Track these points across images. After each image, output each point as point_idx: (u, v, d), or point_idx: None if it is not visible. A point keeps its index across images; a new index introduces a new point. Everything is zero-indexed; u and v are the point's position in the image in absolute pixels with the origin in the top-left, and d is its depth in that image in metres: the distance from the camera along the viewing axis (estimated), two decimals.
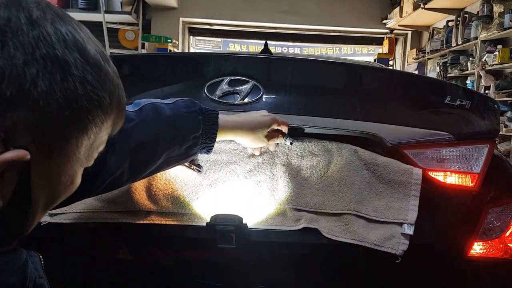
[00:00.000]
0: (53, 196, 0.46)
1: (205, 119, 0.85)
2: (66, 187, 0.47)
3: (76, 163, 0.46)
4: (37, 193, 0.43)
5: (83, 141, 0.44)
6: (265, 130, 0.90)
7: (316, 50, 7.99)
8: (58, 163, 0.43)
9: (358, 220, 0.92)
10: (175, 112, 0.82)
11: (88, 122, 0.44)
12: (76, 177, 0.48)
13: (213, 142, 0.87)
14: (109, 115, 0.47)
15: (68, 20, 0.44)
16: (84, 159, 0.47)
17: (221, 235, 0.87)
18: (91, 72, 0.43)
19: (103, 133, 0.48)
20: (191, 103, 0.85)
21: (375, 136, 0.99)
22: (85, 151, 0.46)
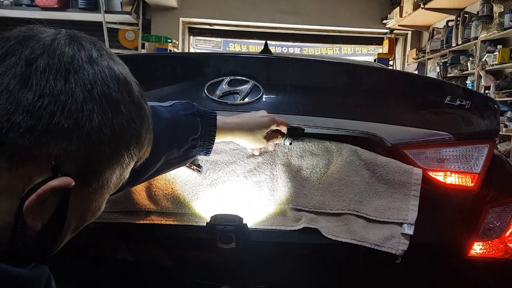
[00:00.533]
0: (82, 222, 0.49)
1: (204, 121, 0.85)
2: (94, 213, 0.50)
3: (107, 191, 0.49)
4: (70, 218, 0.46)
5: (117, 171, 0.48)
6: (264, 131, 0.90)
7: (316, 50, 7.99)
8: (94, 191, 0.46)
9: (358, 220, 0.92)
10: (173, 115, 0.82)
11: (126, 156, 0.47)
12: (103, 204, 0.51)
13: (212, 144, 0.87)
14: (142, 149, 0.51)
15: (117, 59, 0.48)
16: (112, 188, 0.50)
17: (221, 235, 0.87)
18: (135, 110, 0.47)
19: (131, 166, 0.50)
20: (189, 106, 0.85)
21: (375, 136, 0.99)
22: (116, 181, 0.49)
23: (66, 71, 0.41)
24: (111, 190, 0.50)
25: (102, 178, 0.46)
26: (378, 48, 7.54)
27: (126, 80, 0.47)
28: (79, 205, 0.46)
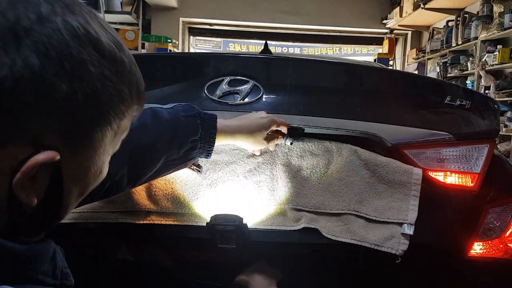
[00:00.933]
0: (84, 187, 0.48)
1: (204, 123, 0.85)
2: (96, 177, 0.48)
3: (103, 154, 0.47)
4: (69, 187, 0.45)
5: (107, 133, 0.45)
6: (264, 132, 0.90)
7: (316, 50, 7.99)
8: (86, 157, 0.44)
9: (358, 220, 0.92)
10: (173, 116, 0.82)
11: (111, 116, 0.44)
12: (104, 166, 0.49)
13: (212, 146, 0.87)
14: (130, 105, 0.47)
15: (77, 10, 0.42)
16: (110, 149, 0.48)
17: (221, 235, 0.87)
18: (107, 67, 0.42)
19: (126, 121, 0.48)
20: (190, 108, 0.85)
21: (375, 136, 0.99)
22: (110, 141, 0.47)
23: (14, 37, 0.37)
24: (110, 151, 0.49)
25: (91, 143, 0.44)
26: (378, 48, 7.54)
27: (89, 33, 0.41)
28: (75, 174, 0.45)
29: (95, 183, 0.50)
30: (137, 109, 0.51)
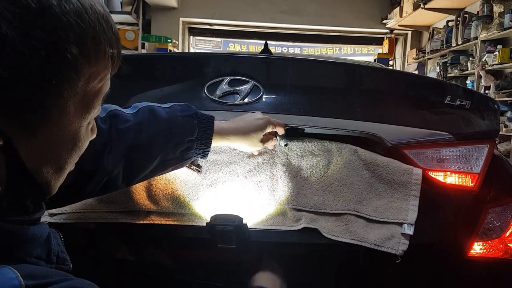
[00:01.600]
0: (60, 161, 0.44)
1: (200, 124, 0.85)
2: (71, 148, 0.44)
3: (70, 124, 0.42)
4: (36, 166, 0.41)
5: (66, 103, 0.39)
6: (260, 134, 0.90)
7: (316, 50, 7.99)
8: (47, 134, 0.40)
9: (358, 220, 0.92)
10: (170, 116, 0.82)
11: (58, 86, 0.38)
12: (80, 135, 0.44)
13: (209, 147, 0.87)
14: (88, 66, 0.40)
15: None
16: (80, 116, 0.43)
17: (221, 235, 0.87)
18: (37, 24, 0.35)
19: (92, 83, 0.42)
20: (187, 108, 0.86)
21: (375, 136, 0.99)
22: (77, 108, 0.41)
23: None
24: (82, 116, 0.42)
25: (49, 117, 0.39)
26: (378, 48, 7.54)
27: None
28: (40, 152, 0.40)
29: (74, 154, 0.46)
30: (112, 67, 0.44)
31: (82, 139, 0.46)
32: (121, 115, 0.79)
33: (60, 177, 0.46)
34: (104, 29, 0.41)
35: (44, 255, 0.46)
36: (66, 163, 0.46)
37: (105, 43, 0.42)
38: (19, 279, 0.37)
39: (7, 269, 0.37)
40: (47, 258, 0.47)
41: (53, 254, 0.48)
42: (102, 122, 0.75)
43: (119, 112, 0.79)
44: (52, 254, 0.48)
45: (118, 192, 0.92)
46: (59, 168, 0.45)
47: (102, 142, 0.73)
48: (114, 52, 0.43)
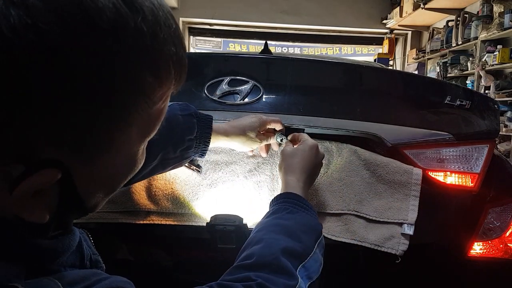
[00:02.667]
0: (114, 186, 0.42)
1: (200, 123, 0.86)
2: (128, 172, 0.42)
3: (132, 147, 0.39)
4: (88, 192, 0.39)
5: (132, 127, 0.36)
6: (255, 130, 0.91)
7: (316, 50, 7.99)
8: (107, 159, 0.37)
9: (358, 220, 0.92)
10: (170, 114, 0.83)
11: (132, 112, 0.35)
12: (136, 158, 0.42)
13: (207, 146, 0.88)
14: (160, 90, 0.37)
15: None
16: (142, 138, 0.40)
17: (221, 235, 0.87)
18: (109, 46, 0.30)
19: (158, 105, 0.38)
20: (186, 106, 0.86)
21: (375, 136, 0.99)
22: (140, 132, 0.39)
23: None
24: (141, 141, 0.39)
25: (111, 144, 0.35)
26: (378, 48, 7.54)
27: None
28: (95, 179, 0.38)
29: (128, 177, 0.43)
30: (175, 86, 0.40)
31: (139, 162, 0.43)
32: None
33: (107, 198, 0.44)
34: (176, 46, 0.36)
35: (77, 262, 0.45)
36: (120, 185, 0.43)
37: (175, 63, 0.38)
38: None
39: (47, 280, 0.35)
40: (81, 264, 0.46)
41: (86, 259, 0.46)
42: None
43: None
44: (86, 259, 0.46)
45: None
46: (111, 191, 0.43)
47: None
48: (181, 69, 0.39)
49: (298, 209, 0.74)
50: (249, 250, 0.64)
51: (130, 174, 0.43)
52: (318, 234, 0.72)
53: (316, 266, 0.67)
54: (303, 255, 0.65)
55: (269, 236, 0.66)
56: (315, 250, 0.68)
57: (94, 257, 0.49)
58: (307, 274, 0.64)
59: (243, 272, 0.58)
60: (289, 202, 0.75)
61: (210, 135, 0.87)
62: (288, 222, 0.70)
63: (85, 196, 0.39)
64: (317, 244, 0.70)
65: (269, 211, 0.77)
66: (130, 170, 0.42)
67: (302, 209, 0.75)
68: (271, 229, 0.68)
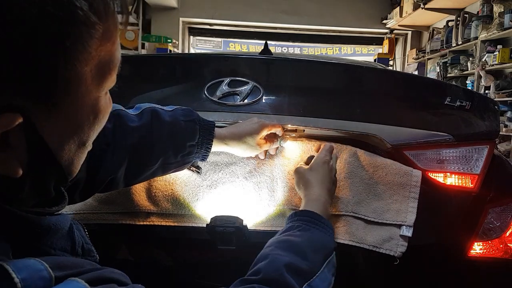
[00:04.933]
0: (82, 135, 0.43)
1: (202, 129, 0.86)
2: (94, 121, 0.43)
3: (90, 92, 0.40)
4: (57, 143, 0.40)
5: (83, 67, 0.38)
6: (256, 137, 0.90)
7: (316, 50, 7.99)
8: (66, 104, 0.38)
9: (356, 222, 0.92)
10: (173, 119, 0.83)
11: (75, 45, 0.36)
12: (99, 105, 0.43)
13: (209, 151, 0.88)
14: (101, 20, 0.38)
15: None
16: (98, 83, 0.41)
17: (221, 236, 0.87)
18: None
19: (108, 42, 0.40)
20: (189, 112, 0.86)
21: (375, 137, 0.99)
22: (95, 73, 0.40)
23: None
24: (98, 87, 0.41)
25: (64, 87, 0.37)
26: (378, 48, 7.54)
27: None
28: (60, 127, 0.39)
29: (96, 127, 0.44)
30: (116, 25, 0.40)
31: (103, 110, 0.44)
32: (125, 115, 0.79)
33: (81, 156, 0.45)
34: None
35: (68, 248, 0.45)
36: (89, 137, 0.44)
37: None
38: (47, 270, 0.36)
39: (34, 261, 0.36)
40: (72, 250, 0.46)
41: (77, 245, 0.47)
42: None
43: (123, 112, 0.79)
44: (77, 246, 0.47)
45: (118, 193, 0.92)
46: (81, 143, 0.43)
47: (106, 141, 0.74)
48: (120, 5, 0.41)
49: (311, 226, 0.73)
50: (257, 267, 0.64)
51: (96, 123, 0.43)
52: (329, 253, 0.71)
53: (324, 286, 0.66)
54: (308, 273, 0.64)
55: (275, 252, 0.66)
56: (323, 269, 0.67)
57: (87, 246, 0.49)
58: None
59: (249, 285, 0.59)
60: (303, 220, 0.75)
61: (211, 142, 0.87)
62: (297, 239, 0.70)
63: (54, 148, 0.39)
64: (327, 263, 0.69)
65: (283, 228, 0.77)
66: (95, 119, 0.43)
67: (317, 226, 0.74)
68: (279, 245, 0.68)
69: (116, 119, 0.77)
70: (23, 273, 0.34)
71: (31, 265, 0.36)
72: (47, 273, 0.36)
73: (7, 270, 0.34)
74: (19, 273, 0.34)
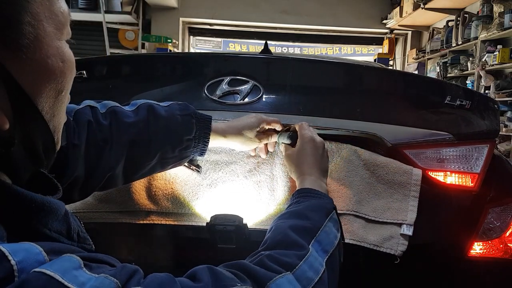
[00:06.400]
0: (55, 82, 0.45)
1: (199, 123, 0.86)
2: (63, 66, 0.45)
3: (52, 39, 0.44)
4: (32, 89, 0.42)
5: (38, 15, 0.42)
6: (254, 130, 0.90)
7: (316, 50, 7.99)
8: (31, 49, 0.41)
9: (357, 220, 0.92)
10: (169, 114, 0.83)
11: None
12: (63, 53, 0.46)
13: (206, 146, 0.88)
14: None
15: None
16: (55, 31, 0.44)
17: (221, 235, 0.87)
18: None
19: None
20: (185, 107, 0.86)
21: (375, 136, 0.99)
22: (50, 22, 0.43)
23: None
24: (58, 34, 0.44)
25: (23, 30, 0.40)
26: (378, 48, 7.54)
27: None
28: (32, 72, 0.42)
29: (68, 73, 0.47)
30: None
31: (69, 57, 0.46)
32: (121, 112, 0.79)
33: (61, 108, 0.47)
34: None
35: (64, 231, 0.46)
36: (63, 84, 0.46)
37: None
38: (43, 254, 0.37)
39: (29, 244, 0.37)
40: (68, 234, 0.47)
41: (73, 231, 0.48)
42: (103, 118, 0.76)
43: (118, 109, 0.79)
44: (72, 232, 0.48)
45: (118, 192, 0.92)
46: (58, 91, 0.45)
47: (103, 137, 0.74)
48: None
49: (308, 198, 0.76)
50: (264, 240, 0.67)
51: (67, 70, 0.46)
52: (329, 211, 0.73)
53: (330, 239, 0.68)
54: (312, 229, 0.67)
55: (277, 222, 0.70)
56: (326, 224, 0.69)
57: (83, 234, 0.50)
58: (322, 247, 0.65)
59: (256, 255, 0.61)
60: (299, 196, 0.77)
61: (209, 135, 0.87)
62: (296, 207, 0.73)
63: (32, 94, 0.42)
64: (328, 218, 0.71)
65: None
66: (64, 65, 0.45)
67: (312, 196, 0.76)
68: (281, 217, 0.72)
69: (112, 115, 0.77)
70: (19, 255, 0.35)
71: (27, 248, 0.37)
72: (42, 257, 0.37)
73: (4, 252, 0.35)
74: (15, 255, 0.35)
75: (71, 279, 0.36)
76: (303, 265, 0.58)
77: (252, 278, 0.52)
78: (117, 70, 1.06)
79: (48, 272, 0.36)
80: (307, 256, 0.60)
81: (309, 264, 0.59)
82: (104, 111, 0.77)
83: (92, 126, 0.74)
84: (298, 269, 0.57)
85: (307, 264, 0.59)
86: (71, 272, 0.37)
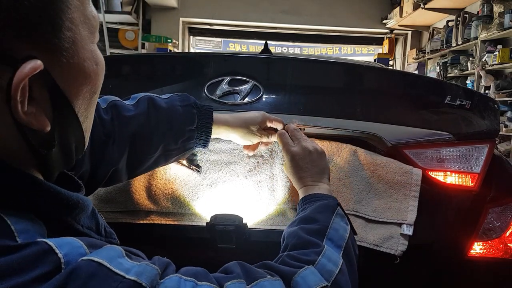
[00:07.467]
0: (91, 84, 0.46)
1: (200, 113, 0.86)
2: (95, 69, 0.46)
3: (86, 43, 0.45)
4: (71, 92, 0.44)
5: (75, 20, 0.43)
6: (257, 124, 0.91)
7: (316, 50, 7.99)
8: (69, 53, 0.43)
9: (357, 220, 0.92)
10: (170, 106, 0.83)
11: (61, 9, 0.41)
12: (97, 56, 0.47)
13: (209, 137, 0.88)
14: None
15: None
16: (88, 34, 0.46)
17: (221, 235, 0.87)
18: None
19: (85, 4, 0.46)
20: (186, 97, 0.86)
21: (375, 136, 0.99)
22: (84, 27, 0.45)
23: None
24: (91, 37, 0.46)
25: (65, 34, 0.42)
26: (378, 48, 7.54)
27: None
28: (70, 75, 0.43)
29: (100, 75, 0.48)
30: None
31: (101, 60, 0.48)
32: (122, 105, 0.79)
33: (92, 109, 0.49)
34: None
35: (94, 227, 0.49)
36: (97, 86, 0.48)
37: None
38: (84, 248, 0.40)
39: (71, 239, 0.40)
40: (97, 230, 0.50)
41: (101, 227, 0.50)
42: (104, 112, 0.76)
43: (119, 103, 0.80)
44: (101, 227, 0.50)
45: (118, 192, 0.92)
46: (92, 92, 0.47)
47: (106, 132, 0.74)
48: None
49: (313, 203, 0.78)
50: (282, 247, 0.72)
51: (99, 72, 0.47)
52: (333, 208, 0.75)
53: (340, 234, 0.71)
54: (322, 230, 0.70)
55: (289, 230, 0.74)
56: (333, 220, 0.72)
57: (108, 229, 0.53)
58: (334, 243, 0.69)
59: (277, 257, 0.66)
60: (304, 203, 0.80)
61: (211, 125, 0.87)
62: (303, 214, 0.76)
63: (70, 97, 0.44)
64: (335, 215, 0.74)
65: None
66: (98, 67, 0.47)
67: (315, 200, 0.79)
68: (291, 225, 0.76)
69: (113, 110, 0.77)
70: (64, 249, 0.38)
71: (70, 242, 0.39)
72: (83, 250, 0.39)
73: (51, 246, 0.38)
74: (61, 248, 0.38)
75: (117, 265, 0.40)
76: (322, 259, 0.62)
77: (278, 274, 0.55)
78: (117, 70, 1.06)
79: (96, 259, 0.39)
80: (324, 251, 0.64)
81: (327, 257, 0.63)
82: (105, 106, 0.77)
83: (95, 121, 0.74)
84: (318, 264, 0.61)
85: (326, 258, 0.63)
86: (116, 259, 0.40)
